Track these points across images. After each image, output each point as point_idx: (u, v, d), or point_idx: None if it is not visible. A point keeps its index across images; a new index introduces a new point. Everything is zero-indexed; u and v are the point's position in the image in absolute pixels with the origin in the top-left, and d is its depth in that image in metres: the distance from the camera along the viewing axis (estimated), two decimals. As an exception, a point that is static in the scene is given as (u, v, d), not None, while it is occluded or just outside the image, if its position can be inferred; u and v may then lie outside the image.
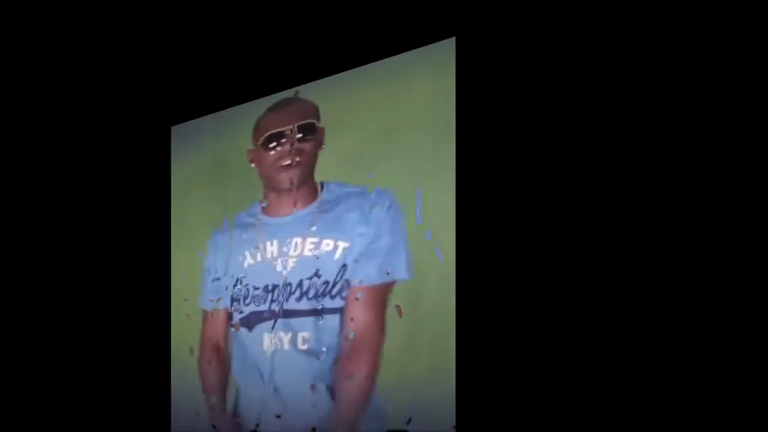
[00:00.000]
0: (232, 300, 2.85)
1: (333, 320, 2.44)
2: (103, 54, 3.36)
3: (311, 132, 2.46)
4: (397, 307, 2.67)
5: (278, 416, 2.63)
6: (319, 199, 2.45)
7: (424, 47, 2.61)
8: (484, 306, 2.40)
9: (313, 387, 2.53)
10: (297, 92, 2.55)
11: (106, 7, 3.11)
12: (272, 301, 2.59)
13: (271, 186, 2.72)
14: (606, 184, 2.21)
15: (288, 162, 2.50)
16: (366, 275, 2.35)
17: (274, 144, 2.56)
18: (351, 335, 2.38)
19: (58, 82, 3.46)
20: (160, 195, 3.48)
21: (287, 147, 2.51)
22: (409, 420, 2.60)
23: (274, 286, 2.57)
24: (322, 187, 2.48)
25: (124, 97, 3.48)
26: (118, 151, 3.52)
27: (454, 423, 2.45)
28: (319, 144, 2.54)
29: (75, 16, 3.18)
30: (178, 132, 3.48)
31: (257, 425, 3.02)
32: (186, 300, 3.39)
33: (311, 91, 2.96)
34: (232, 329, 2.78)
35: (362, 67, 2.79)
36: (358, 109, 2.82)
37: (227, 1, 2.99)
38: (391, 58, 2.71)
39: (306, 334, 2.49)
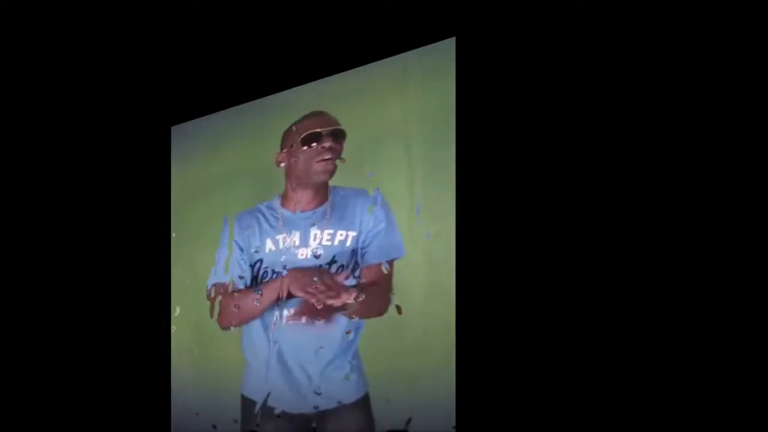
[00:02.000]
0: (252, 277, 3.08)
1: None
2: (103, 54, 3.36)
3: (341, 137, 2.84)
4: (398, 306, 2.67)
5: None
6: (330, 199, 2.87)
7: (424, 47, 2.62)
8: (484, 306, 2.40)
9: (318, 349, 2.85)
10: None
11: (106, 7, 3.11)
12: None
13: (302, 180, 2.94)
14: (605, 183, 2.21)
15: (327, 157, 2.85)
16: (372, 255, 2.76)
17: (313, 143, 2.88)
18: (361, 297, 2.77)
19: (59, 82, 3.46)
20: (160, 195, 3.48)
21: (326, 144, 2.85)
22: (409, 420, 2.60)
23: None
24: (331, 191, 2.88)
25: (124, 98, 3.48)
26: (119, 151, 3.52)
27: (454, 423, 2.45)
28: (340, 151, 2.86)
29: (75, 16, 3.18)
30: (178, 132, 3.48)
31: (257, 425, 3.03)
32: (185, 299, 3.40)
33: (311, 91, 2.96)
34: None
35: (362, 67, 2.80)
36: (359, 109, 2.83)
37: (227, 2, 2.99)
38: (390, 58, 2.71)
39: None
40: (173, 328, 3.44)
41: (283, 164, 2.99)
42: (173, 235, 3.48)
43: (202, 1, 2.99)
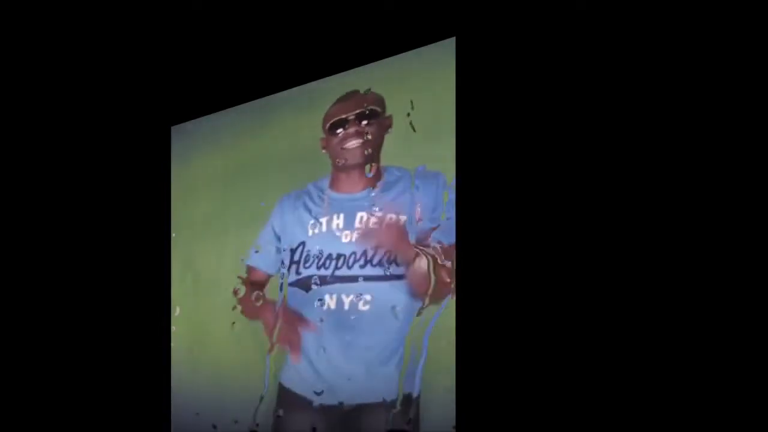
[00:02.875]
0: (291, 263, 2.98)
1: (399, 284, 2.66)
2: (103, 54, 3.36)
3: (374, 117, 2.76)
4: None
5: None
6: (382, 181, 2.73)
7: (424, 47, 2.62)
8: (484, 306, 2.40)
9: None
10: (368, 90, 2.82)
11: (106, 7, 3.11)
12: (336, 267, 2.81)
13: (338, 166, 2.88)
14: (606, 183, 2.21)
15: (354, 143, 2.79)
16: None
17: (339, 130, 2.84)
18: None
19: (59, 82, 3.46)
20: (160, 195, 3.48)
21: (351, 130, 2.80)
22: (409, 420, 2.60)
23: (339, 254, 2.80)
24: (383, 171, 2.75)
25: (124, 98, 3.48)
26: (119, 151, 3.52)
27: (454, 423, 2.45)
28: (384, 128, 2.75)
29: (75, 16, 3.18)
30: (178, 132, 3.48)
31: (257, 425, 3.03)
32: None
33: (311, 91, 2.96)
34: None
35: (362, 66, 2.80)
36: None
37: (227, 3, 3.00)
38: (391, 58, 2.71)
39: (368, 297, 2.72)
40: (173, 328, 3.44)
41: (324, 150, 2.92)
42: (173, 235, 3.48)
43: (202, 1, 2.99)
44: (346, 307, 2.77)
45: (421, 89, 2.63)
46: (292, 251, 2.98)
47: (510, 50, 2.38)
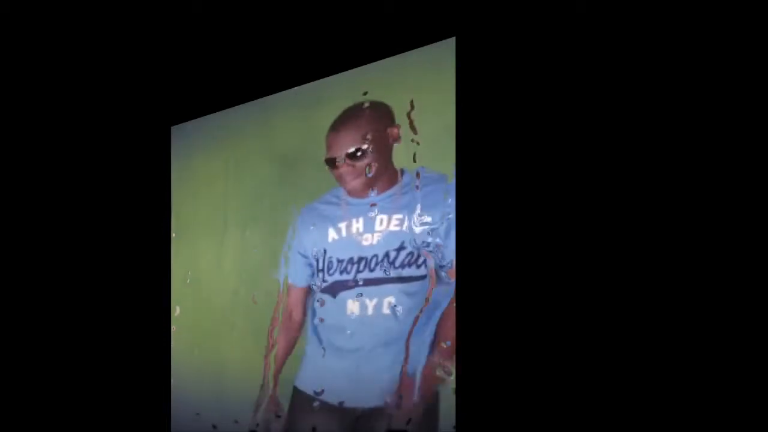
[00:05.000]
0: (317, 271, 2.95)
1: (419, 286, 2.65)
2: (103, 54, 3.36)
3: (384, 140, 2.73)
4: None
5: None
6: (399, 183, 2.71)
7: (424, 47, 2.62)
8: (484, 307, 2.40)
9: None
10: (366, 103, 2.81)
11: (106, 7, 3.11)
12: (358, 271, 2.80)
13: (347, 181, 2.86)
14: (607, 183, 2.21)
15: (371, 175, 2.77)
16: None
17: (354, 161, 2.81)
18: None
19: (59, 82, 3.46)
20: (160, 195, 3.48)
21: (365, 161, 2.78)
22: (409, 420, 2.60)
23: (360, 258, 2.79)
24: (402, 173, 2.71)
25: (124, 97, 3.48)
26: (119, 151, 3.52)
27: (454, 423, 2.45)
28: (393, 139, 2.74)
29: (75, 16, 3.18)
30: (178, 132, 3.48)
31: (257, 425, 3.03)
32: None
33: (311, 91, 2.96)
34: (317, 303, 2.93)
35: (362, 66, 2.80)
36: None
37: (227, 3, 2.99)
38: (391, 58, 2.71)
39: (391, 299, 2.70)
40: (173, 328, 3.44)
41: (330, 170, 2.89)
42: (173, 235, 3.48)
43: (202, 1, 2.99)
44: (370, 311, 2.76)
45: (421, 89, 2.63)
46: (316, 260, 2.96)
47: (510, 50, 2.38)
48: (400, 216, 2.70)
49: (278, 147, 3.07)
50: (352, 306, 2.80)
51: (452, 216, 2.52)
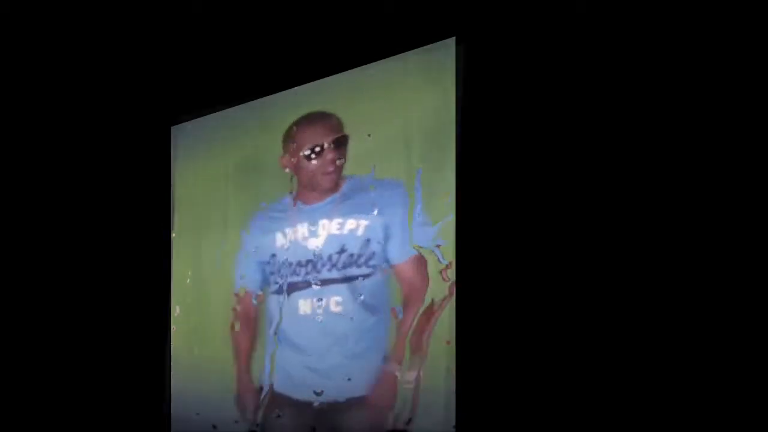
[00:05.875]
0: (268, 274, 3.08)
1: (366, 284, 2.77)
2: (103, 54, 3.36)
3: (344, 144, 2.87)
4: (393, 308, 2.68)
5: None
6: (341, 190, 2.88)
7: (424, 47, 2.62)
8: (484, 308, 2.40)
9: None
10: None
11: (106, 7, 3.11)
12: (306, 273, 2.93)
13: (311, 186, 2.97)
14: (608, 183, 2.21)
15: (331, 169, 2.88)
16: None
17: (314, 156, 2.93)
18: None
19: (59, 82, 3.46)
20: (161, 195, 3.48)
21: (328, 157, 2.88)
22: (409, 420, 2.60)
23: (308, 261, 2.93)
24: (345, 179, 2.88)
25: (125, 97, 3.48)
26: (119, 151, 3.52)
27: (454, 423, 2.45)
28: (344, 155, 2.89)
29: (76, 16, 3.18)
30: (178, 132, 3.48)
31: (257, 426, 3.03)
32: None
33: (311, 91, 2.96)
34: (280, 297, 3.04)
35: (362, 66, 2.80)
36: (359, 108, 2.83)
37: (227, 3, 3.00)
38: (391, 58, 2.71)
39: (339, 299, 2.83)
40: (173, 328, 3.44)
41: (287, 169, 3.01)
42: (173, 235, 3.48)
43: (202, 1, 2.99)
44: (332, 308, 2.85)
45: (421, 89, 2.63)
46: (266, 264, 3.08)
47: (510, 50, 2.38)
48: (340, 220, 2.84)
49: (278, 146, 3.08)
50: (304, 306, 2.91)
51: (399, 219, 2.65)
